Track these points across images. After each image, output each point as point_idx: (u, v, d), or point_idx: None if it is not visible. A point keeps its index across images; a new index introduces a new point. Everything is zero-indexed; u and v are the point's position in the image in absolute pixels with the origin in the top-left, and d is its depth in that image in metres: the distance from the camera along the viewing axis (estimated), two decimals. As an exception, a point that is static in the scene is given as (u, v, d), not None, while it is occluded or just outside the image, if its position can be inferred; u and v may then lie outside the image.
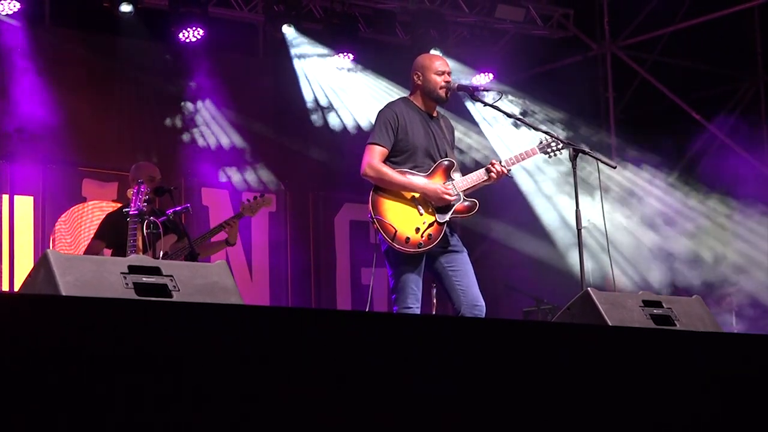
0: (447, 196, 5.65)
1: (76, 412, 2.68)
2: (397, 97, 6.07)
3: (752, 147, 10.85)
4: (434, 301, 8.52)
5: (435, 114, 5.89)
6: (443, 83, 5.78)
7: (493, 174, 5.77)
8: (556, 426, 3.50)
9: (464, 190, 5.74)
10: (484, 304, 5.63)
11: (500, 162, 5.83)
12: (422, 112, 5.82)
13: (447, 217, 5.68)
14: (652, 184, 10.96)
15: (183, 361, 2.87)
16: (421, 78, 5.82)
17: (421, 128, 5.76)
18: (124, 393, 2.75)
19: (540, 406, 3.48)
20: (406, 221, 5.59)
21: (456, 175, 5.78)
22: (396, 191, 5.64)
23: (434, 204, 5.66)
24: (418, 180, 5.67)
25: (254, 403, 2.94)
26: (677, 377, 3.87)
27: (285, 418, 2.97)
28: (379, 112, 5.84)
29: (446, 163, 5.77)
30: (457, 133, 6.17)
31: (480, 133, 11.36)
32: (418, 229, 5.59)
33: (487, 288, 5.79)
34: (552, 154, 6.00)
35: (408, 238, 5.56)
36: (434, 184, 5.68)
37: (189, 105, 10.30)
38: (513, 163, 5.86)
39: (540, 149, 5.97)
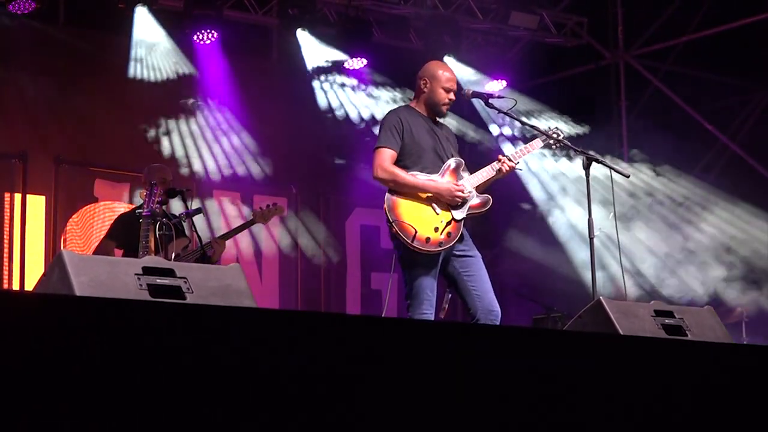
0: (460, 194, 5.68)
1: (88, 414, 2.69)
2: (409, 101, 6.10)
3: (765, 158, 10.82)
4: (445, 306, 8.46)
5: (436, 121, 5.93)
6: (447, 101, 5.83)
7: (501, 168, 5.79)
8: (567, 434, 3.50)
9: (476, 187, 5.77)
10: (499, 309, 5.65)
11: (508, 157, 5.85)
12: (425, 117, 5.86)
13: (464, 213, 5.70)
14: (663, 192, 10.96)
15: (196, 363, 2.88)
16: (427, 86, 5.84)
17: (426, 131, 5.80)
18: (137, 394, 2.76)
19: (550, 414, 3.48)
20: (424, 221, 5.61)
21: (465, 174, 5.81)
22: (410, 192, 5.66)
23: (448, 203, 5.67)
24: (429, 180, 5.68)
25: (264, 406, 2.94)
26: (688, 387, 3.86)
27: (295, 421, 2.97)
28: (383, 118, 5.90)
29: (454, 163, 5.80)
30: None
31: (490, 137, 11.37)
32: (437, 228, 5.61)
33: (496, 294, 5.78)
34: (554, 145, 6.04)
35: (428, 238, 5.58)
36: (446, 183, 5.70)
37: (202, 107, 10.32)
38: (520, 156, 5.90)
39: (543, 141, 6.00)
